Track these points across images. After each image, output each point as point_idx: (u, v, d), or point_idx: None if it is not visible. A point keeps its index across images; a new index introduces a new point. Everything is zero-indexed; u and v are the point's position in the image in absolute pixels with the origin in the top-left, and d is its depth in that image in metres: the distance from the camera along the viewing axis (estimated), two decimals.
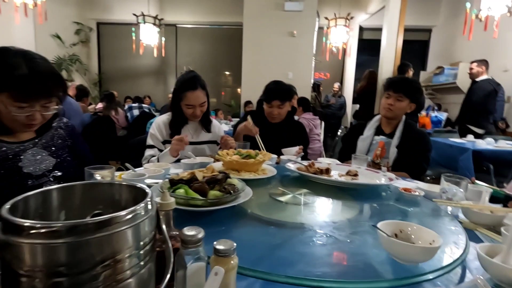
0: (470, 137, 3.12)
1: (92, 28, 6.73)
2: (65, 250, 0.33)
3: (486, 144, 2.80)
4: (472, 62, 3.66)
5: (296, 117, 2.84)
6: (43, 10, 4.06)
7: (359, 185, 1.16)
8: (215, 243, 0.46)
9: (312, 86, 5.19)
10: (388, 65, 4.67)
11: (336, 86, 6.19)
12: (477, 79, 3.59)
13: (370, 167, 1.41)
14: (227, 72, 7.15)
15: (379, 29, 4.96)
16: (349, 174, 1.25)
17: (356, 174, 1.25)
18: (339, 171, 1.30)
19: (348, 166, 1.35)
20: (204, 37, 6.99)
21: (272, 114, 1.85)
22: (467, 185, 1.01)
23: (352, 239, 0.73)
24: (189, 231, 0.47)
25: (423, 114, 4.63)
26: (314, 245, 0.69)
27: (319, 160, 1.49)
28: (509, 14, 2.89)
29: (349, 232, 0.77)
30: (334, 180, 1.16)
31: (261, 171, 1.25)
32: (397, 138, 1.60)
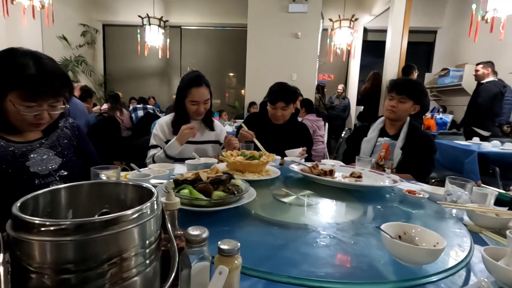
0: (476, 140, 3.09)
1: (98, 30, 6.81)
2: (73, 248, 0.34)
3: (492, 147, 2.77)
4: (478, 64, 3.63)
5: (300, 119, 2.84)
6: (50, 12, 4.12)
7: (363, 187, 1.16)
8: (219, 243, 0.47)
9: (316, 88, 5.19)
10: (393, 67, 4.65)
11: (340, 88, 6.17)
12: (483, 81, 3.57)
13: (374, 169, 1.41)
14: (231, 74, 7.17)
15: (384, 31, 4.95)
16: (353, 176, 1.25)
17: (360, 176, 1.25)
18: (343, 173, 1.30)
19: (352, 168, 1.35)
20: (209, 39, 7.03)
21: (276, 116, 1.85)
22: (472, 188, 1.00)
23: (356, 241, 0.73)
24: (194, 231, 0.48)
25: (428, 116, 4.59)
26: (318, 246, 0.69)
27: (323, 162, 1.49)
28: None
29: (353, 234, 0.77)
30: (338, 182, 1.16)
31: (265, 172, 1.25)
32: (402, 140, 1.59)
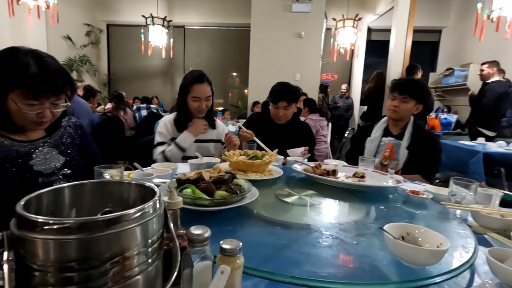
0: (481, 140, 3.07)
1: (102, 30, 6.85)
2: (76, 246, 0.34)
3: (497, 147, 2.74)
4: (483, 64, 3.60)
5: (303, 118, 2.83)
6: (55, 12, 4.15)
7: (366, 187, 1.15)
8: (222, 242, 0.47)
9: (320, 88, 5.17)
10: (397, 67, 4.62)
11: (344, 88, 6.15)
12: (488, 81, 3.53)
13: (378, 169, 1.40)
14: (234, 73, 7.18)
15: (388, 30, 4.92)
16: (356, 176, 1.24)
17: (363, 176, 1.24)
18: (346, 173, 1.29)
19: (355, 168, 1.35)
20: (212, 39, 7.03)
21: (278, 116, 1.85)
22: (477, 189, 0.99)
23: (358, 241, 0.73)
24: (196, 230, 0.48)
25: (432, 116, 4.56)
26: (320, 246, 0.69)
27: (326, 162, 1.48)
28: None
29: (355, 234, 0.76)
30: (341, 182, 1.15)
31: (268, 172, 1.25)
32: (407, 140, 1.58)
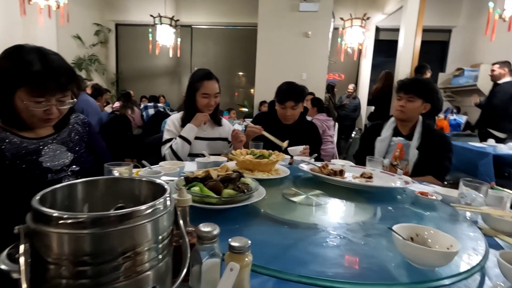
0: (491, 142, 3.01)
1: (111, 29, 6.92)
2: (90, 240, 0.35)
3: (508, 149, 2.69)
4: (494, 64, 3.53)
5: (310, 118, 2.82)
6: (65, 12, 4.21)
7: (374, 188, 1.14)
8: (230, 240, 0.47)
9: (326, 87, 5.14)
10: (405, 67, 4.56)
11: (351, 88, 6.10)
12: (499, 82, 3.47)
13: (388, 170, 1.39)
14: (241, 73, 7.18)
15: (396, 30, 4.86)
16: (364, 176, 1.24)
17: (371, 177, 1.23)
18: (353, 173, 1.28)
19: (362, 168, 1.34)
20: (219, 38, 7.05)
21: (286, 116, 1.84)
22: (487, 191, 0.98)
23: (366, 241, 0.72)
24: (205, 227, 0.48)
25: (441, 117, 4.50)
26: (328, 246, 0.69)
27: (333, 162, 1.48)
28: None
29: (363, 234, 0.76)
30: (348, 182, 1.15)
31: (274, 171, 1.25)
32: (417, 140, 1.56)
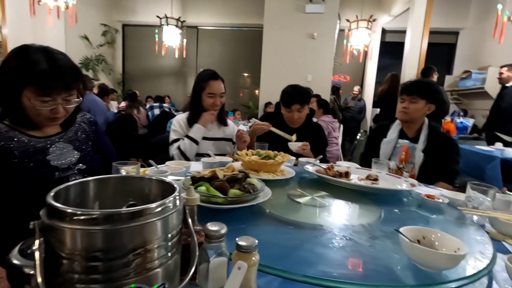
0: (499, 145, 2.97)
1: (118, 30, 7.00)
2: (102, 237, 0.35)
3: None
4: (502, 67, 3.49)
5: (315, 119, 2.82)
6: (74, 13, 4.27)
7: (380, 190, 1.14)
8: (238, 239, 0.47)
9: (332, 89, 5.13)
10: (412, 69, 4.53)
11: (356, 89, 6.07)
12: (507, 84, 3.43)
13: (394, 172, 1.38)
14: (246, 74, 7.20)
15: (403, 32, 4.83)
16: (369, 179, 1.23)
17: (376, 179, 1.23)
18: (359, 175, 1.28)
19: (368, 170, 1.33)
20: (225, 39, 7.08)
21: (293, 119, 1.84)
22: (495, 194, 0.97)
23: (372, 243, 0.72)
24: (213, 227, 0.49)
25: (448, 120, 4.45)
26: (333, 247, 0.69)
27: (338, 164, 1.47)
28: None
29: (369, 236, 0.76)
30: (354, 184, 1.14)
31: (280, 172, 1.25)
32: (422, 143, 1.55)
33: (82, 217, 0.35)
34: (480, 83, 4.82)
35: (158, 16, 5.48)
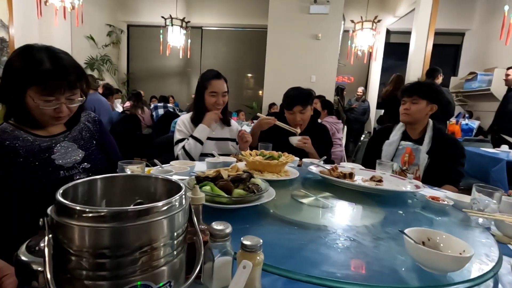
0: (504, 147, 2.94)
1: (123, 30, 7.05)
2: (109, 234, 0.36)
3: None
4: (509, 68, 3.47)
5: (319, 120, 2.81)
6: (80, 13, 4.31)
7: (384, 191, 1.13)
8: (243, 239, 0.48)
9: (336, 90, 5.12)
10: (416, 70, 4.51)
11: (360, 91, 6.06)
12: None
13: (397, 174, 1.38)
14: (250, 74, 7.21)
15: (408, 33, 4.81)
16: (373, 180, 1.23)
17: (381, 180, 1.22)
18: (363, 176, 1.28)
19: (372, 172, 1.33)
20: (229, 39, 7.10)
21: (296, 121, 1.84)
22: (501, 197, 0.96)
23: (377, 244, 0.72)
24: (218, 226, 0.49)
25: (453, 122, 4.42)
26: (338, 248, 0.69)
27: (342, 165, 1.47)
28: None
29: (373, 237, 0.76)
30: (358, 185, 1.14)
31: (284, 173, 1.25)
32: (427, 144, 1.54)
33: (91, 215, 0.35)
34: (486, 85, 4.78)
35: (163, 17, 5.51)
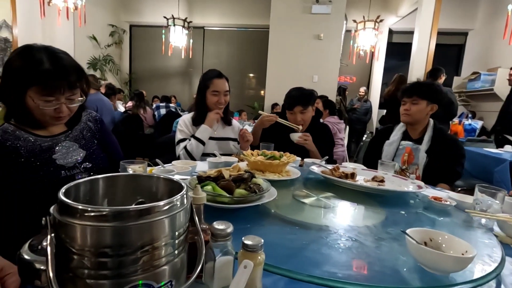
0: (508, 148, 2.92)
1: (125, 30, 7.08)
2: (111, 233, 0.36)
3: None
4: None
5: (321, 120, 2.81)
6: (83, 14, 4.34)
7: (386, 192, 1.13)
8: (244, 238, 0.48)
9: (338, 90, 5.11)
10: (419, 70, 4.49)
11: (362, 91, 6.04)
12: None
13: (397, 174, 1.37)
14: (252, 74, 7.21)
15: (410, 32, 4.79)
16: (375, 180, 1.22)
17: (383, 180, 1.22)
18: (365, 176, 1.27)
19: (374, 172, 1.32)
20: (231, 40, 7.11)
21: (296, 122, 1.84)
22: (504, 197, 0.95)
23: (379, 245, 0.72)
24: (219, 225, 0.49)
25: (456, 122, 4.40)
26: (339, 248, 0.68)
27: (344, 165, 1.47)
28: None
29: (375, 238, 0.76)
30: (359, 185, 1.14)
31: (285, 173, 1.25)
32: (426, 143, 1.55)
33: (92, 214, 0.35)
34: (489, 85, 4.76)
35: (165, 17, 5.52)
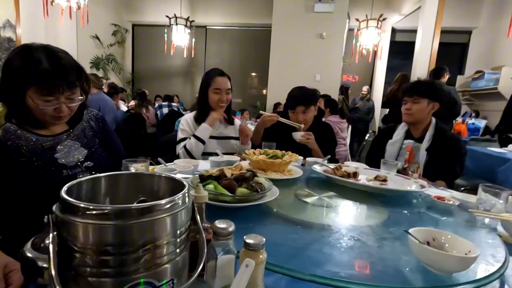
0: None
1: (128, 30, 7.09)
2: (113, 232, 0.36)
3: None
4: None
5: (323, 119, 2.80)
6: (85, 13, 4.35)
7: (388, 191, 1.12)
8: (245, 237, 0.47)
9: (340, 89, 5.09)
10: (422, 69, 4.46)
11: (365, 90, 6.01)
12: None
13: (400, 173, 1.37)
14: (254, 73, 7.21)
15: (413, 31, 4.76)
16: (378, 179, 1.22)
17: (385, 180, 1.21)
18: (367, 176, 1.27)
19: (377, 171, 1.32)
20: (233, 39, 7.10)
21: (298, 121, 1.83)
22: (508, 197, 0.95)
23: (381, 244, 0.71)
24: (221, 224, 0.49)
25: (459, 121, 4.37)
26: (341, 247, 0.68)
27: (347, 164, 1.46)
28: None
29: (378, 237, 0.75)
30: (362, 184, 1.13)
31: (287, 172, 1.25)
32: (427, 141, 1.55)
33: (94, 212, 0.36)
34: (493, 84, 4.72)
35: (168, 16, 5.52)
